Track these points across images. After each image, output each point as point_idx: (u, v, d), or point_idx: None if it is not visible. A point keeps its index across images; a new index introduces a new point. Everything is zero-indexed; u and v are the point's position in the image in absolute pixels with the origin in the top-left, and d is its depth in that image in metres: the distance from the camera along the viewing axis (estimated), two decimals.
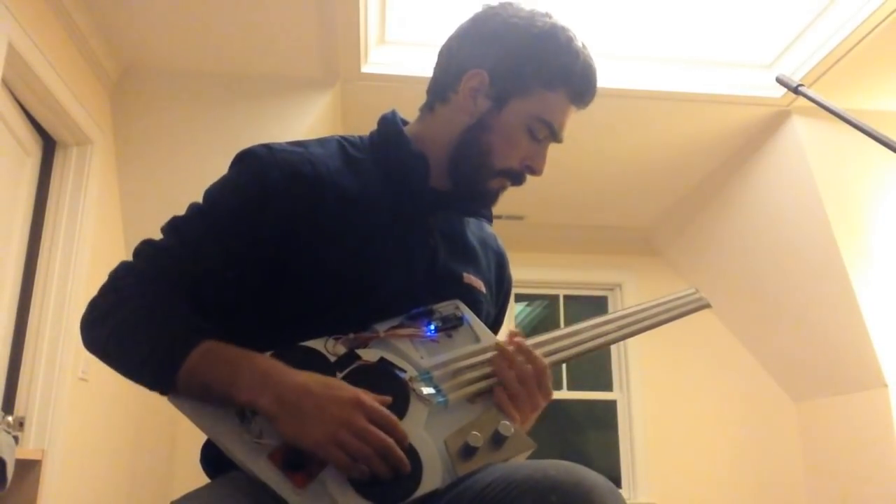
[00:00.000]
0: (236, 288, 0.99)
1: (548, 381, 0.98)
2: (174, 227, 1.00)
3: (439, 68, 1.12)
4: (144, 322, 0.92)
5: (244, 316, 1.01)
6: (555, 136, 1.08)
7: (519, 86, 1.05)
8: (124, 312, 0.93)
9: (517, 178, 1.09)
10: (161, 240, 1.00)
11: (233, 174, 1.03)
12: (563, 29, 1.07)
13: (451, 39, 1.12)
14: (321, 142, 1.08)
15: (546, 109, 1.05)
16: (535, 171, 1.09)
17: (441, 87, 1.10)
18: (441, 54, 1.12)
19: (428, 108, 1.12)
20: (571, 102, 1.07)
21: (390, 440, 0.83)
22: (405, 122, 1.15)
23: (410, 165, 1.07)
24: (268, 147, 1.02)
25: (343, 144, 1.09)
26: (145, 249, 0.99)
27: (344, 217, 1.00)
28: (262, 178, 0.99)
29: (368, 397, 0.86)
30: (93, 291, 0.99)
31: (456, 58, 1.09)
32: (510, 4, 1.09)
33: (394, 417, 0.85)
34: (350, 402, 0.84)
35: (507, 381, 0.95)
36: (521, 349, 0.97)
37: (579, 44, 1.07)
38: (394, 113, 1.14)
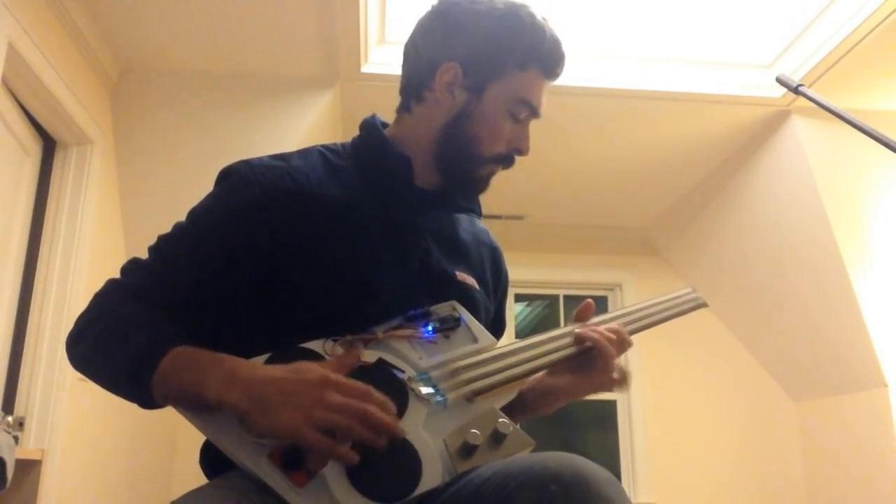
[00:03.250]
0: (222, 302, 0.99)
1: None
2: (158, 245, 1.01)
3: (408, 67, 1.12)
4: (115, 337, 0.92)
5: (240, 325, 1.01)
6: (534, 113, 1.09)
7: (493, 71, 1.06)
8: (99, 329, 0.94)
9: (507, 161, 1.10)
10: (146, 258, 1.01)
11: (214, 192, 1.04)
12: (523, 6, 1.08)
13: (414, 36, 1.12)
14: (302, 153, 1.08)
15: (523, 89, 1.07)
16: (523, 152, 1.10)
17: (414, 86, 1.10)
18: (407, 53, 1.12)
19: (404, 109, 1.12)
20: (545, 77, 1.09)
21: (368, 406, 0.82)
22: (386, 125, 1.15)
23: (394, 167, 1.07)
24: (247, 163, 1.03)
25: (325, 154, 1.09)
26: (130, 267, 1.01)
27: (331, 227, 1.01)
28: (241, 195, 1.00)
29: (337, 374, 0.84)
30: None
31: (425, 54, 1.09)
32: None
33: (367, 386, 0.84)
34: (319, 382, 0.83)
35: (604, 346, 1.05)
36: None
37: (540, 18, 1.08)
38: (374, 117, 1.14)
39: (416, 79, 1.10)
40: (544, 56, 1.07)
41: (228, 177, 1.03)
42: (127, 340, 0.91)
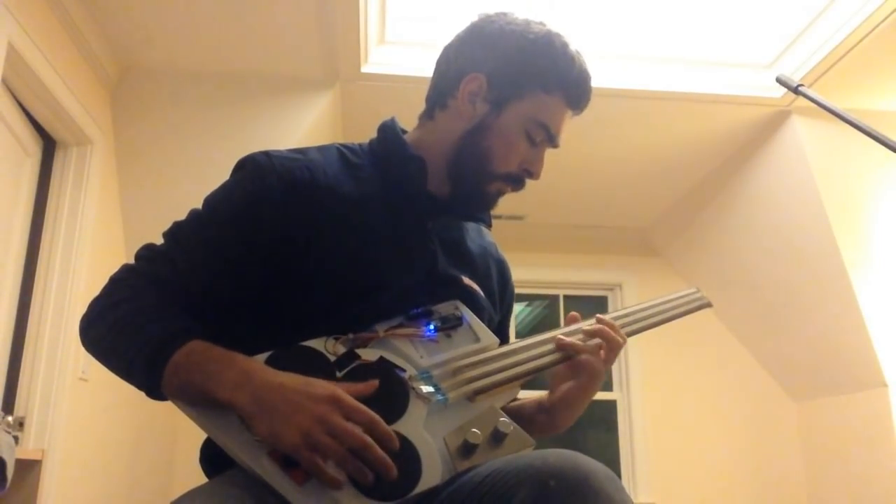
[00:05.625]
0: (235, 292, 1.00)
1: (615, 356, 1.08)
2: (174, 232, 1.02)
3: (438, 76, 1.14)
4: (133, 324, 0.93)
5: (245, 318, 1.02)
6: (552, 140, 1.10)
7: (517, 89, 1.07)
8: (115, 315, 0.95)
9: (516, 183, 1.11)
10: (161, 244, 1.02)
11: (232, 181, 1.05)
12: (558, 35, 1.10)
13: (448, 48, 1.14)
14: (321, 149, 1.10)
15: (544, 112, 1.07)
16: (534, 175, 1.11)
17: (440, 93, 1.12)
18: (439, 63, 1.15)
19: (427, 116, 1.14)
20: (568, 106, 1.09)
21: (367, 438, 0.82)
22: (405, 131, 1.16)
23: (408, 170, 1.08)
24: (267, 154, 1.04)
25: (342, 151, 1.11)
26: (145, 253, 1.01)
27: (343, 223, 1.01)
28: (259, 184, 1.01)
29: (347, 395, 0.84)
30: (93, 291, 1.01)
31: (454, 64, 1.11)
32: (505, 13, 1.11)
33: (374, 415, 0.84)
34: (325, 399, 0.83)
35: (614, 347, 1.05)
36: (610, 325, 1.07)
37: (573, 49, 1.10)
38: (393, 120, 1.16)
39: (442, 86, 1.12)
40: (570, 84, 1.08)
41: (246, 165, 1.04)
42: (143, 329, 0.91)
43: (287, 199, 0.99)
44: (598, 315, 1.09)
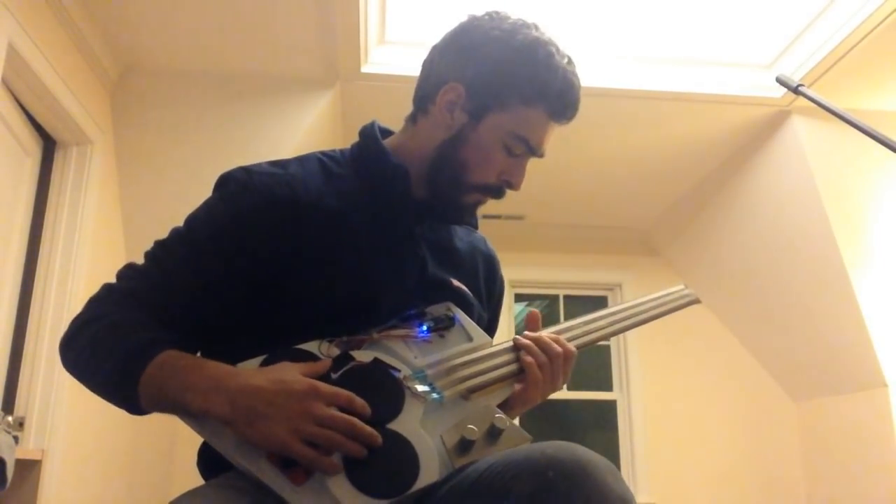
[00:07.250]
0: (218, 309, 0.98)
1: (570, 366, 1.03)
2: (155, 251, 1.01)
3: (421, 79, 1.11)
4: (104, 344, 0.92)
5: (234, 333, 1.00)
6: (532, 152, 1.06)
7: (496, 101, 1.03)
8: (88, 335, 0.94)
9: (495, 193, 1.08)
10: (142, 264, 1.01)
11: (212, 199, 1.03)
12: (545, 43, 1.04)
13: (433, 50, 1.11)
14: (301, 161, 1.08)
15: (523, 125, 1.04)
16: (513, 186, 1.07)
17: (422, 98, 1.09)
18: (424, 65, 1.12)
19: (411, 120, 1.12)
20: (550, 119, 1.05)
21: (353, 419, 0.83)
22: (388, 133, 1.14)
23: (391, 178, 1.06)
24: (246, 170, 1.02)
25: (323, 161, 1.09)
26: (126, 272, 1.00)
27: (329, 236, 1.00)
28: (237, 203, 0.99)
29: (322, 383, 0.85)
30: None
31: (436, 69, 1.08)
32: (496, 15, 1.07)
33: (348, 393, 0.85)
34: (306, 393, 0.83)
35: (537, 357, 0.99)
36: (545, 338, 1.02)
37: (560, 59, 1.04)
38: (373, 125, 1.13)
39: (424, 91, 1.09)
40: (552, 97, 1.03)
41: (226, 184, 1.02)
42: (116, 346, 0.90)
43: (268, 216, 0.98)
44: (514, 336, 1.03)
